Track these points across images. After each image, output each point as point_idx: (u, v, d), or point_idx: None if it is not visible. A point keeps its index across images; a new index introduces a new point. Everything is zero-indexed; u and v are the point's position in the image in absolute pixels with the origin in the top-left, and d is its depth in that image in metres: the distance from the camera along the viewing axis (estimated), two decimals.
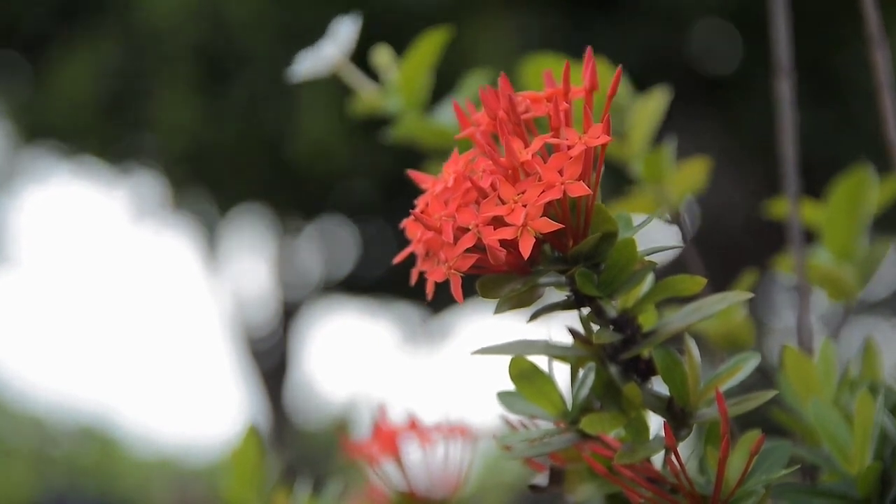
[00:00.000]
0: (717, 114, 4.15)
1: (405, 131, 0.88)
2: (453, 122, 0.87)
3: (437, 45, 0.87)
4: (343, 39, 0.86)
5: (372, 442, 0.82)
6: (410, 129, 0.88)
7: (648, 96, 0.85)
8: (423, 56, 0.88)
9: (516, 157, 0.53)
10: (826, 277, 0.81)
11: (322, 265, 5.56)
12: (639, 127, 0.85)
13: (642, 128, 0.85)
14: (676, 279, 0.57)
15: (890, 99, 0.77)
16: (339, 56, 0.86)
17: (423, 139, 0.88)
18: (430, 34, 0.87)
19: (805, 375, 0.66)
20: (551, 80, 0.57)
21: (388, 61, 0.89)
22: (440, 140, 0.87)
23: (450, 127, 0.87)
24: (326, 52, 0.87)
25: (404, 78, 0.88)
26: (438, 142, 0.88)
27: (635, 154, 0.85)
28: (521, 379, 0.59)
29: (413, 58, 0.88)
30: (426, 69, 0.88)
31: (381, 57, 0.89)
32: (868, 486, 0.60)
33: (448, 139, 0.87)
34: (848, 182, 0.83)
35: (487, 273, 0.55)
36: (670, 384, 0.57)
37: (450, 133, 0.87)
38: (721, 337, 0.87)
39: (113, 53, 4.16)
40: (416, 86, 0.88)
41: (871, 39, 0.78)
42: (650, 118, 0.85)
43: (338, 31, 0.87)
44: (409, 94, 0.88)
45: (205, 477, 6.43)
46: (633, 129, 0.85)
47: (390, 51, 0.90)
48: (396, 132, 0.88)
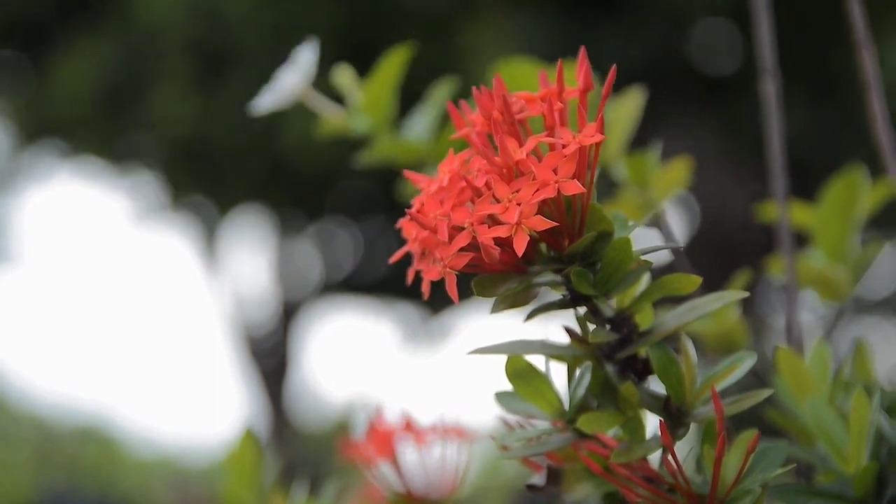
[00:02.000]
0: (717, 113, 4.15)
1: (378, 153, 0.87)
2: (424, 137, 0.87)
3: (400, 63, 0.87)
4: (304, 67, 0.86)
5: (369, 443, 0.83)
6: (382, 149, 0.87)
7: (624, 97, 0.85)
8: (388, 75, 0.87)
9: (511, 156, 0.53)
10: (818, 278, 0.81)
11: (322, 265, 5.56)
12: (616, 129, 0.85)
13: (618, 129, 0.85)
14: (672, 278, 0.57)
15: (878, 100, 0.77)
16: (301, 84, 0.86)
17: (395, 158, 0.87)
18: (394, 53, 0.87)
19: (798, 375, 0.66)
20: (546, 81, 0.57)
21: (350, 82, 0.88)
22: (413, 156, 0.86)
23: (421, 142, 0.87)
24: (288, 81, 0.87)
25: (370, 98, 0.87)
26: (411, 158, 0.87)
27: (612, 154, 0.85)
28: (517, 378, 0.59)
29: (378, 77, 0.87)
30: (392, 88, 0.87)
31: (343, 78, 0.89)
32: (864, 486, 0.60)
33: (420, 154, 0.86)
34: (840, 183, 0.83)
35: (483, 272, 0.55)
36: (667, 383, 0.57)
37: (421, 149, 0.86)
38: (715, 338, 0.87)
39: (112, 51, 4.16)
40: (383, 106, 0.87)
41: (857, 42, 0.79)
42: (626, 119, 0.85)
43: (299, 59, 0.87)
44: (376, 115, 0.87)
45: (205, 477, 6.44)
46: (608, 131, 0.84)
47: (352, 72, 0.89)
48: (369, 155, 0.88)
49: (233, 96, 4.01)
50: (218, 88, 4.04)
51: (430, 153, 0.86)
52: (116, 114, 4.32)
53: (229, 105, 4.01)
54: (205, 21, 3.94)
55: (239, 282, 5.86)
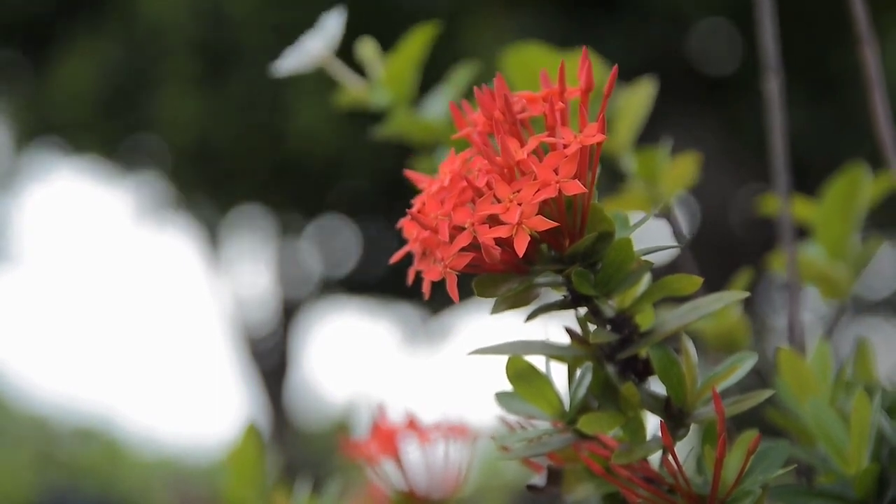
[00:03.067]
0: (717, 113, 4.15)
1: (394, 127, 0.88)
2: (441, 117, 0.87)
3: (425, 41, 0.87)
4: (329, 34, 0.86)
5: (371, 441, 0.82)
6: (399, 125, 0.87)
7: (635, 87, 0.85)
8: (412, 52, 0.87)
9: (512, 156, 0.53)
10: (819, 275, 0.81)
11: (322, 265, 5.56)
12: (625, 118, 0.84)
13: (629, 119, 0.85)
14: (673, 279, 0.57)
15: (880, 97, 0.77)
16: (324, 50, 0.86)
17: (411, 135, 0.88)
18: (419, 30, 0.87)
19: (800, 376, 0.66)
20: (547, 80, 0.57)
21: (374, 55, 0.89)
22: (429, 135, 0.87)
23: (438, 122, 0.87)
24: (312, 46, 0.86)
25: (392, 73, 0.87)
26: (427, 137, 0.87)
27: (621, 146, 0.85)
28: (518, 379, 0.59)
29: (401, 53, 0.87)
30: (414, 65, 0.87)
31: (367, 50, 0.89)
32: (865, 488, 0.60)
33: (436, 134, 0.87)
34: (842, 180, 0.83)
35: (484, 272, 0.55)
36: (667, 384, 0.57)
37: (438, 128, 0.87)
38: (716, 337, 0.87)
39: (114, 50, 4.16)
40: (404, 81, 0.87)
41: (859, 38, 0.79)
42: (637, 109, 0.84)
43: (324, 26, 0.87)
44: (397, 90, 0.87)
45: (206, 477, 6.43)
46: (618, 121, 0.84)
47: (376, 45, 0.89)
48: (386, 129, 0.88)
49: (235, 96, 4.01)
50: (220, 88, 4.04)
51: (446, 133, 0.86)
52: (118, 114, 4.32)
53: (232, 104, 4.01)
54: (207, 21, 3.95)
55: (239, 282, 5.87)
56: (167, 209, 5.11)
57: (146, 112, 4.19)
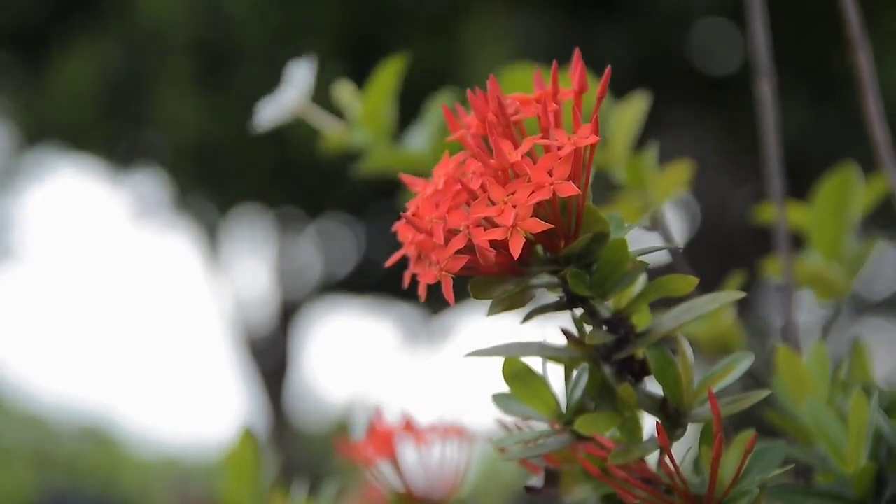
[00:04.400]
0: (717, 113, 4.15)
1: (374, 163, 0.87)
2: (423, 149, 0.87)
3: (396, 73, 0.87)
4: (301, 83, 0.87)
5: (368, 443, 0.83)
6: (378, 160, 0.87)
7: (628, 102, 0.85)
8: (384, 85, 0.87)
9: (506, 158, 0.53)
10: (814, 277, 0.81)
11: (322, 265, 5.56)
12: (619, 133, 0.85)
13: (623, 134, 0.85)
14: (669, 279, 0.57)
15: (874, 99, 0.78)
16: (299, 100, 0.87)
17: (393, 168, 0.87)
18: (389, 63, 0.87)
19: (797, 376, 0.66)
20: (541, 82, 0.57)
21: (350, 96, 0.89)
22: (411, 168, 0.86)
23: (420, 154, 0.87)
24: (287, 97, 0.87)
25: (368, 110, 0.87)
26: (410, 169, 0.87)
27: (617, 160, 0.85)
28: (514, 380, 0.60)
29: (374, 88, 0.87)
30: (389, 98, 0.87)
31: (343, 93, 0.89)
32: (863, 487, 0.60)
33: (419, 165, 0.86)
34: (833, 181, 0.84)
35: (479, 274, 0.55)
36: (664, 384, 0.57)
37: (420, 160, 0.86)
38: (709, 340, 0.87)
39: (114, 50, 4.17)
40: (381, 117, 0.87)
41: (853, 41, 0.79)
42: (630, 124, 0.85)
43: (295, 76, 0.88)
44: (374, 127, 0.87)
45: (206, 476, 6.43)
46: (613, 136, 0.85)
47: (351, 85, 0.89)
48: (366, 166, 0.88)
49: (235, 95, 4.01)
50: (220, 88, 4.04)
51: (429, 164, 0.86)
52: (118, 114, 4.33)
53: (232, 104, 4.01)
54: (207, 20, 3.95)
55: (239, 282, 5.87)
56: (167, 209, 5.12)
57: (146, 112, 4.19)
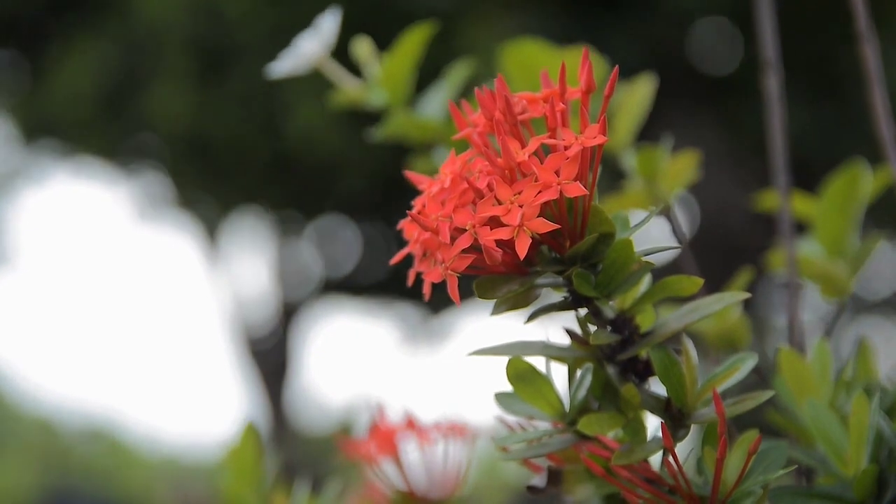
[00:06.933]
0: (717, 113, 4.15)
1: (392, 128, 0.87)
2: (439, 116, 0.87)
3: (422, 40, 0.86)
4: (324, 35, 0.86)
5: (370, 441, 0.82)
6: (397, 125, 0.87)
7: (635, 84, 0.85)
8: (409, 51, 0.86)
9: (513, 157, 0.53)
10: (818, 273, 0.81)
11: (322, 265, 5.55)
12: (624, 115, 0.84)
13: (628, 116, 0.84)
14: (674, 279, 0.56)
15: (880, 94, 0.77)
16: (319, 51, 0.86)
17: (409, 134, 0.87)
18: (416, 29, 0.86)
19: (800, 376, 0.66)
20: (548, 80, 0.57)
21: (369, 54, 0.88)
22: (426, 134, 0.86)
23: (436, 121, 0.86)
24: (307, 47, 0.86)
25: (389, 73, 0.87)
26: (425, 136, 0.87)
27: (621, 143, 0.85)
28: (518, 380, 0.59)
29: (398, 52, 0.87)
30: (412, 64, 0.87)
31: (362, 50, 0.88)
32: (864, 489, 0.60)
33: (434, 133, 0.86)
34: (841, 178, 0.83)
35: (484, 274, 0.55)
36: (668, 385, 0.57)
37: (436, 127, 0.86)
38: (717, 337, 0.87)
39: (112, 48, 4.16)
40: (401, 81, 0.87)
41: (859, 35, 0.79)
42: (637, 106, 0.84)
43: (319, 26, 0.87)
44: (393, 90, 0.87)
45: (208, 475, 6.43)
46: (618, 118, 0.84)
47: (372, 44, 0.89)
48: (384, 129, 0.87)
49: (233, 93, 4.01)
50: (218, 86, 4.04)
51: (443, 132, 0.86)
52: (116, 112, 4.32)
53: (230, 103, 4.01)
54: (204, 19, 3.94)
55: (239, 282, 5.86)
56: (167, 209, 5.11)
57: (144, 110, 4.19)
